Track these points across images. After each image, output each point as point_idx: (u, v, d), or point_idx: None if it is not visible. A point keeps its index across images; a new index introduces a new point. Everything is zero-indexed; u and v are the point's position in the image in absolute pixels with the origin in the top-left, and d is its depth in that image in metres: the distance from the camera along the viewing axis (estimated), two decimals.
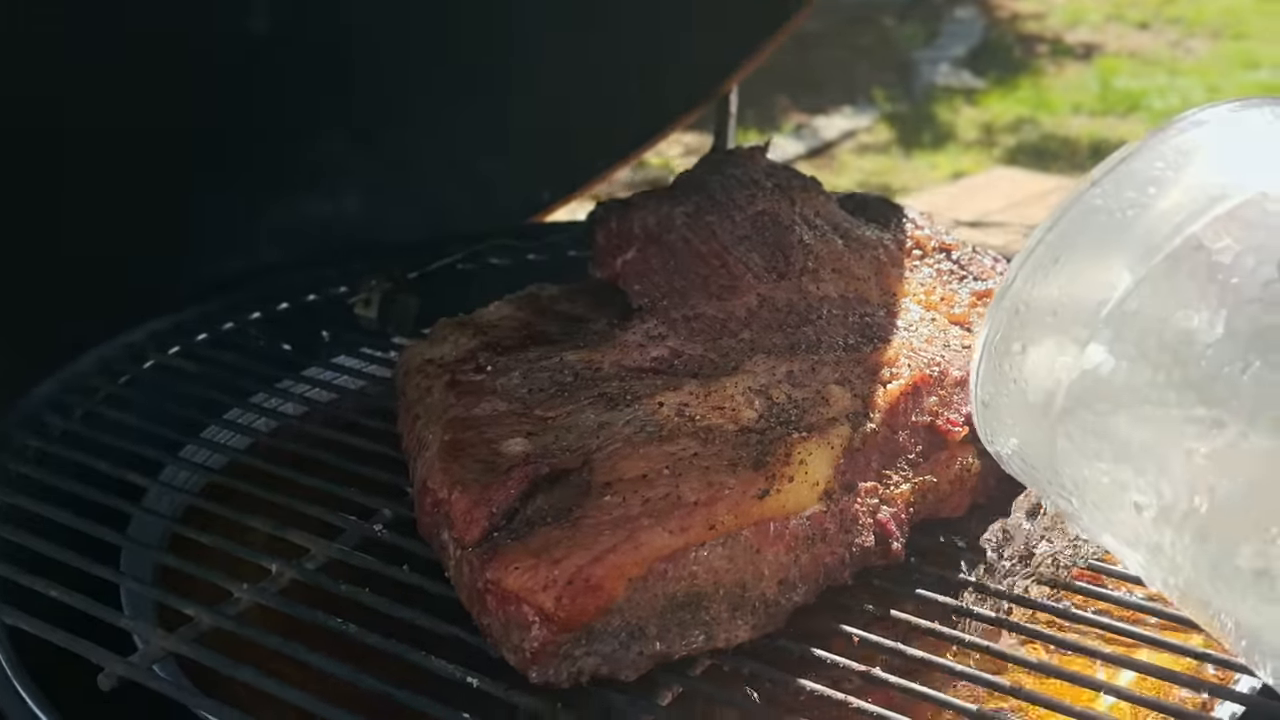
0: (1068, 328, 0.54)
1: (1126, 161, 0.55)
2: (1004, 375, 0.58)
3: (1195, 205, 0.51)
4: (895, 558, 0.71)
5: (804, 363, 0.76)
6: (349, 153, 1.32)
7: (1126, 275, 0.52)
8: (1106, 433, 0.53)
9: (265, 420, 0.95)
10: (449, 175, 1.43)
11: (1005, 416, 0.59)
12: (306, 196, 1.35)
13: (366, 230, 1.38)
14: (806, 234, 0.87)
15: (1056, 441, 0.56)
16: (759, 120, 4.86)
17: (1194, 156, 0.54)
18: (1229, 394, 0.48)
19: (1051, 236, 0.56)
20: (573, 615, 0.61)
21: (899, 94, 5.13)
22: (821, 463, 0.68)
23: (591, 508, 0.65)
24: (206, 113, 1.14)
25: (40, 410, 0.92)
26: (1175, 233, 0.51)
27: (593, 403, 0.75)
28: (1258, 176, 0.51)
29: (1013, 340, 0.58)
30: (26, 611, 0.69)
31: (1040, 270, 0.56)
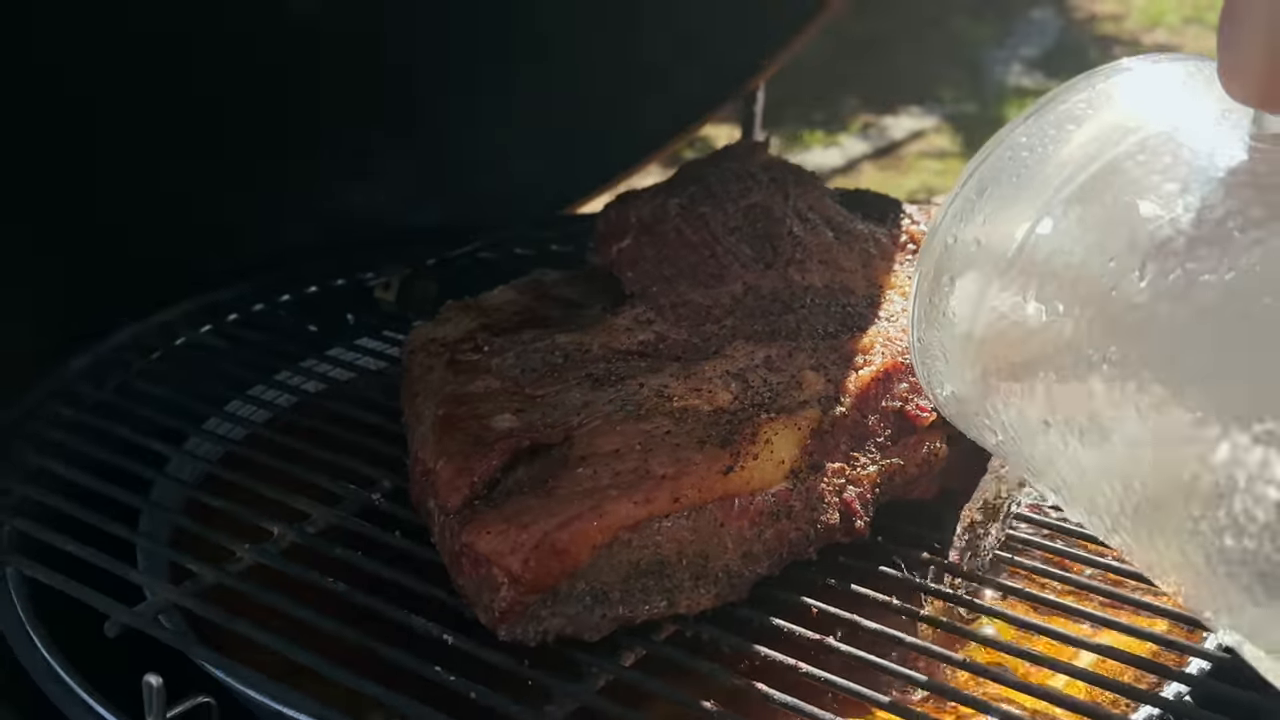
0: (986, 260, 0.57)
1: (1052, 102, 0.57)
2: (935, 310, 0.60)
3: (1108, 138, 0.54)
4: (859, 535, 0.74)
5: (782, 349, 0.80)
6: (386, 143, 1.36)
7: (1037, 206, 0.55)
8: (1022, 363, 0.55)
9: (286, 396, 1.00)
10: (483, 166, 1.47)
11: (937, 354, 0.62)
12: (344, 186, 1.40)
13: (402, 219, 1.44)
14: (797, 226, 0.90)
15: (982, 375, 0.58)
16: (826, 120, 4.87)
17: (1114, 97, 0.56)
18: (1128, 316, 0.50)
19: (979, 173, 0.58)
20: (538, 578, 0.65)
21: (968, 95, 5.11)
22: (788, 443, 0.72)
23: (565, 479, 0.70)
24: (249, 100, 1.19)
25: (75, 381, 0.98)
26: (1089, 161, 0.54)
27: (579, 383, 0.79)
28: (1170, 115, 0.54)
29: (942, 275, 0.60)
30: (47, 565, 0.74)
31: (967, 206, 0.58)
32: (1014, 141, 0.57)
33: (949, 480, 0.81)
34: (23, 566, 0.74)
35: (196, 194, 1.19)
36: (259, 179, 1.25)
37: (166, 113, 1.12)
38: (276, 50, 1.18)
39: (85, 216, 1.12)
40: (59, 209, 1.10)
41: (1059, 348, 0.54)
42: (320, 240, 1.33)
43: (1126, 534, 0.54)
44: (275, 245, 1.30)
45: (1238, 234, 0.48)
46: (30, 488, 0.83)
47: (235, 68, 1.14)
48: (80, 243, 1.11)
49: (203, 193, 1.20)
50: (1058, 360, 0.54)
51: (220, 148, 1.18)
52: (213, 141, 1.17)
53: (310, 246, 1.31)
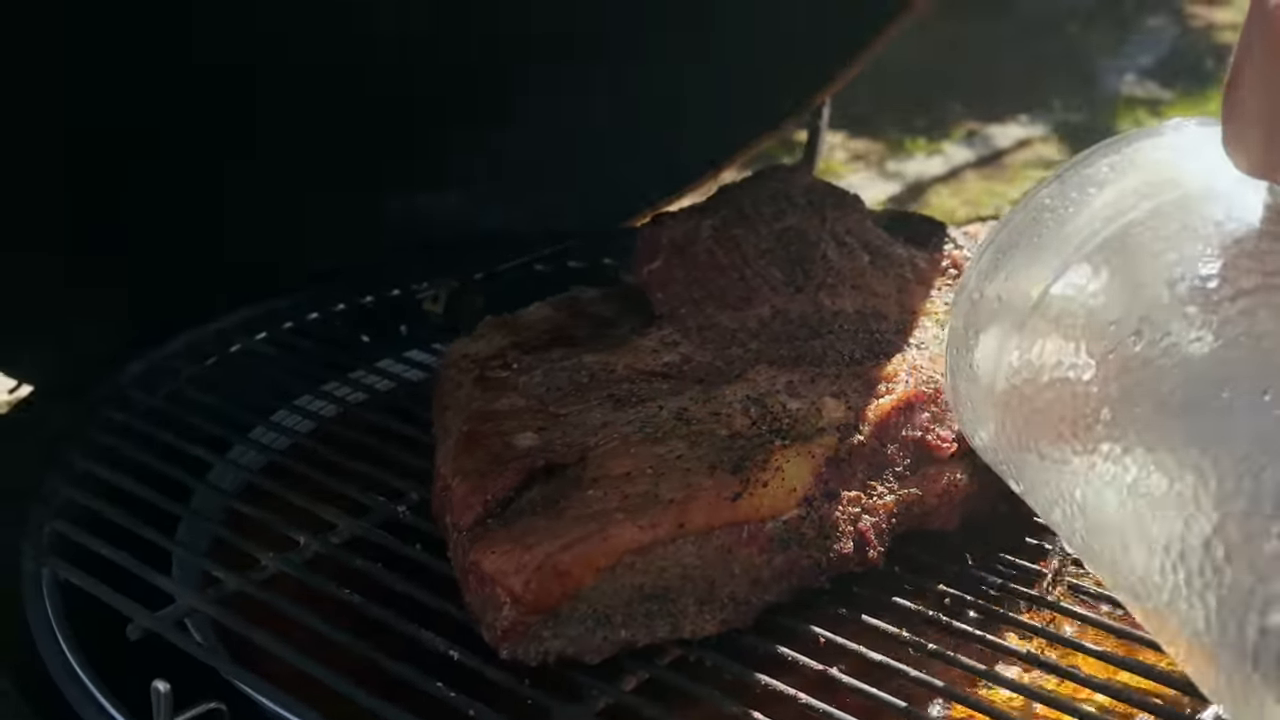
0: (1005, 316, 0.58)
1: (1079, 165, 0.58)
2: (962, 362, 0.62)
3: (1124, 203, 0.54)
4: (873, 565, 0.74)
5: (805, 374, 0.80)
6: (456, 151, 1.38)
7: (1053, 267, 0.55)
8: (1033, 420, 0.56)
9: (330, 406, 1.02)
10: (550, 177, 1.48)
11: (966, 403, 0.63)
12: (413, 193, 1.43)
13: (469, 228, 1.46)
14: (831, 250, 0.90)
15: (1002, 425, 0.59)
16: (929, 127, 4.82)
17: (1139, 162, 0.56)
18: (1121, 380, 0.50)
19: (1004, 232, 0.59)
20: (540, 598, 0.66)
21: (1079, 103, 5.02)
22: (801, 470, 0.72)
23: (575, 500, 0.70)
24: (324, 110, 1.22)
25: (128, 386, 1.01)
26: (1103, 225, 0.54)
27: (601, 403, 0.80)
28: (1189, 181, 0.54)
29: (969, 329, 0.61)
30: (85, 567, 0.77)
31: (992, 263, 0.60)
32: (1039, 203, 0.58)
33: (971, 512, 0.80)
34: (57, 568, 0.77)
35: (266, 200, 1.23)
36: (336, 188, 1.28)
37: (237, 122, 1.15)
38: (346, 58, 1.21)
39: (158, 224, 1.16)
40: (131, 218, 1.14)
41: (1063, 407, 0.54)
42: (394, 249, 1.36)
43: (1128, 599, 0.53)
44: (349, 254, 1.33)
45: (1227, 304, 0.47)
46: (74, 490, 0.85)
47: (304, 77, 1.17)
48: (154, 250, 1.15)
49: (272, 199, 1.23)
50: (1062, 420, 0.54)
51: (287, 155, 1.21)
52: (281, 149, 1.20)
53: (377, 256, 1.34)
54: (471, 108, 1.36)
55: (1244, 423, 0.45)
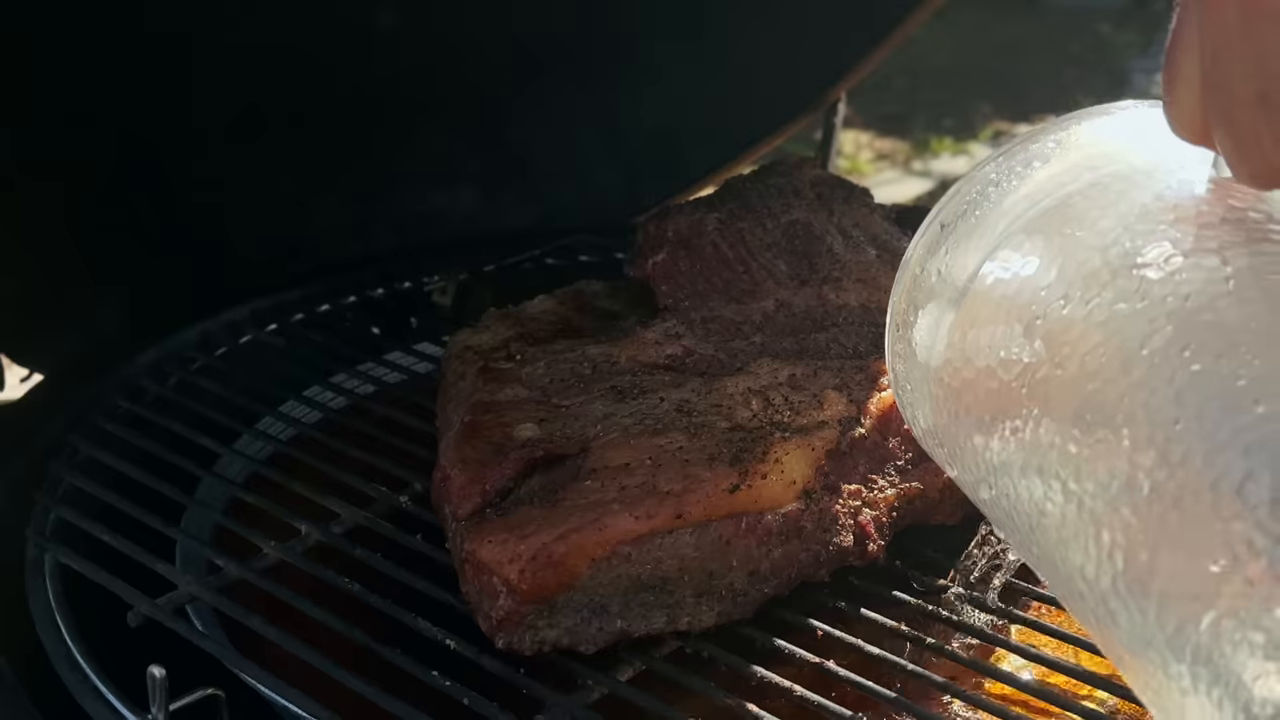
0: (944, 292, 0.56)
1: (1025, 141, 0.56)
2: (901, 340, 0.60)
3: (1066, 176, 0.53)
4: (873, 559, 0.73)
5: (808, 367, 0.79)
6: (466, 146, 1.39)
7: (990, 240, 0.54)
8: (969, 397, 0.54)
9: (338, 398, 1.03)
10: (562, 172, 1.49)
11: (909, 387, 0.61)
12: (423, 189, 1.43)
13: (480, 223, 1.46)
14: (838, 243, 0.90)
15: (940, 405, 0.58)
16: (956, 127, 4.80)
17: (1086, 139, 0.55)
18: (1065, 345, 0.49)
19: (948, 208, 0.58)
20: (535, 588, 0.65)
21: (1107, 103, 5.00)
22: (800, 463, 0.71)
23: (572, 491, 0.70)
24: (331, 102, 1.22)
25: (139, 376, 1.01)
26: (1042, 198, 0.53)
27: (603, 395, 0.79)
28: (1135, 156, 0.53)
29: (909, 305, 0.60)
30: (91, 554, 0.77)
31: (934, 239, 0.58)
32: (983, 177, 0.57)
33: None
34: (60, 554, 0.77)
35: (287, 197, 1.23)
36: (345, 181, 1.29)
37: (260, 121, 1.16)
38: (363, 53, 1.21)
39: (171, 217, 1.16)
40: (144, 210, 1.14)
41: (996, 383, 0.52)
42: (400, 244, 1.37)
43: (1064, 596, 0.52)
44: (358, 248, 1.34)
45: (1158, 267, 0.46)
46: (80, 478, 0.86)
47: (322, 76, 1.18)
48: (178, 244, 1.16)
49: (293, 196, 1.23)
50: (995, 396, 0.52)
51: (311, 153, 1.22)
52: (304, 147, 1.21)
53: (386, 250, 1.34)
54: (484, 104, 1.36)
55: (1162, 377, 0.44)
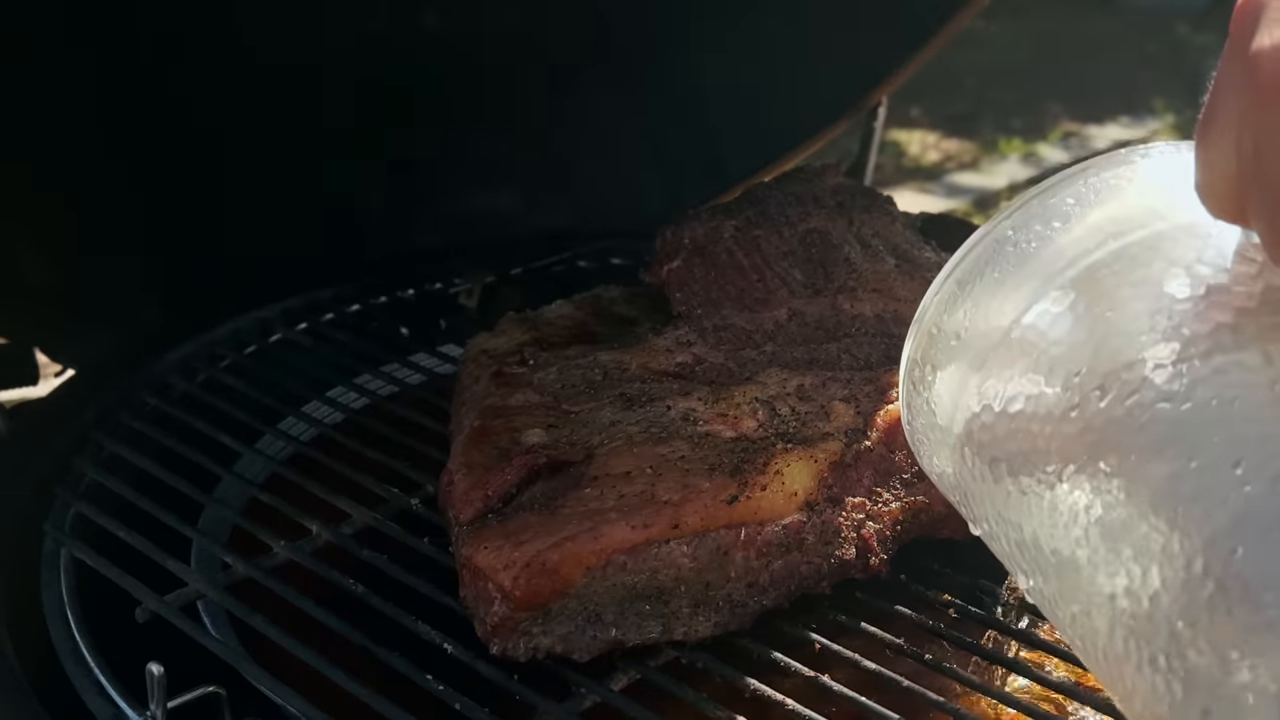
0: (964, 355, 0.55)
1: (1042, 194, 0.55)
2: (918, 397, 0.59)
3: (1090, 241, 0.52)
4: (876, 572, 0.73)
5: (817, 378, 0.79)
6: (506, 148, 1.39)
7: (1014, 308, 0.53)
8: (993, 463, 0.54)
9: (360, 399, 1.04)
10: (601, 174, 1.49)
11: (925, 440, 0.60)
12: (464, 190, 1.44)
13: (519, 225, 1.47)
14: (855, 252, 0.89)
15: (961, 466, 0.57)
16: (1025, 128, 4.75)
17: (1106, 194, 0.54)
18: (1085, 438, 0.48)
19: (964, 264, 0.57)
20: (528, 595, 0.66)
21: (1182, 105, 4.91)
22: (802, 474, 0.71)
23: (572, 498, 0.70)
24: (373, 105, 1.23)
25: (167, 372, 1.03)
26: (1068, 266, 0.52)
27: (612, 401, 0.80)
28: (1159, 217, 0.51)
29: (926, 364, 0.59)
30: (108, 550, 0.79)
31: (951, 297, 0.57)
32: (1000, 234, 0.55)
33: None
34: (75, 549, 0.79)
35: (329, 197, 1.24)
36: (386, 183, 1.30)
37: (300, 122, 1.17)
38: (405, 59, 1.22)
39: (223, 215, 1.18)
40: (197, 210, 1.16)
41: (1024, 456, 0.52)
42: (443, 244, 1.37)
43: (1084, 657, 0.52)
44: (402, 247, 1.35)
45: (1197, 362, 0.45)
46: (101, 473, 0.87)
47: (363, 75, 1.19)
48: (217, 240, 1.17)
49: (334, 196, 1.25)
50: (1023, 468, 0.52)
51: (353, 154, 1.23)
52: (346, 147, 1.22)
53: (424, 250, 1.35)
54: (525, 106, 1.36)
55: (1213, 497, 0.43)
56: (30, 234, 1.06)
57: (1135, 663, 0.44)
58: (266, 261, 1.20)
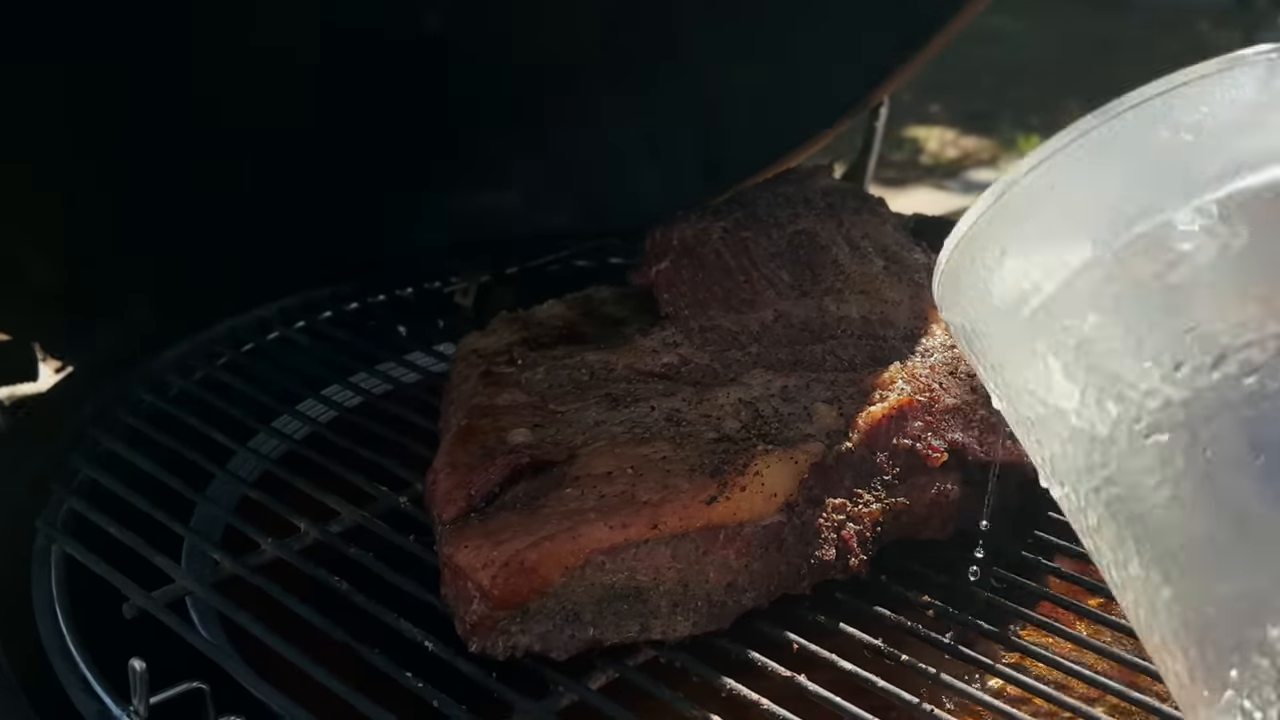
0: (1078, 234, 0.52)
1: (1204, 80, 0.53)
2: (979, 253, 0.56)
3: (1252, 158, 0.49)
4: (855, 573, 0.73)
5: (800, 379, 0.79)
6: (508, 147, 1.40)
7: (1164, 207, 0.50)
8: (1067, 352, 0.52)
9: (355, 397, 1.04)
10: (603, 173, 1.49)
11: (966, 295, 0.57)
12: (465, 188, 1.44)
13: (521, 222, 1.47)
14: (843, 254, 0.89)
15: (1018, 343, 0.54)
16: (1043, 126, 4.73)
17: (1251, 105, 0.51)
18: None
19: (1099, 132, 0.54)
20: (507, 594, 0.66)
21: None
22: (781, 475, 0.71)
23: (553, 498, 0.71)
24: (375, 106, 1.24)
25: (164, 370, 1.04)
26: (1215, 183, 0.49)
27: (598, 401, 0.80)
28: None
29: (1006, 224, 0.55)
30: (94, 547, 0.79)
31: (1069, 164, 0.53)
32: (1148, 114, 0.53)
33: (967, 522, 0.79)
34: (66, 545, 0.80)
35: (331, 196, 1.25)
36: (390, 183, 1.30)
37: (301, 122, 1.18)
38: (410, 58, 1.23)
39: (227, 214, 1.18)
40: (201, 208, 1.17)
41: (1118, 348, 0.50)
42: (445, 242, 1.38)
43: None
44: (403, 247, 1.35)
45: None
46: (98, 471, 0.88)
47: (364, 75, 1.19)
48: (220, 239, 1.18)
49: (336, 194, 1.25)
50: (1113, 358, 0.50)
51: (355, 152, 1.23)
52: (348, 147, 1.23)
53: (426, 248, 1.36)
54: (527, 105, 1.37)
55: None
56: (31, 233, 1.07)
57: None
58: (268, 259, 1.21)
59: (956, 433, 0.77)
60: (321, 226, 1.27)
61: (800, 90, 1.48)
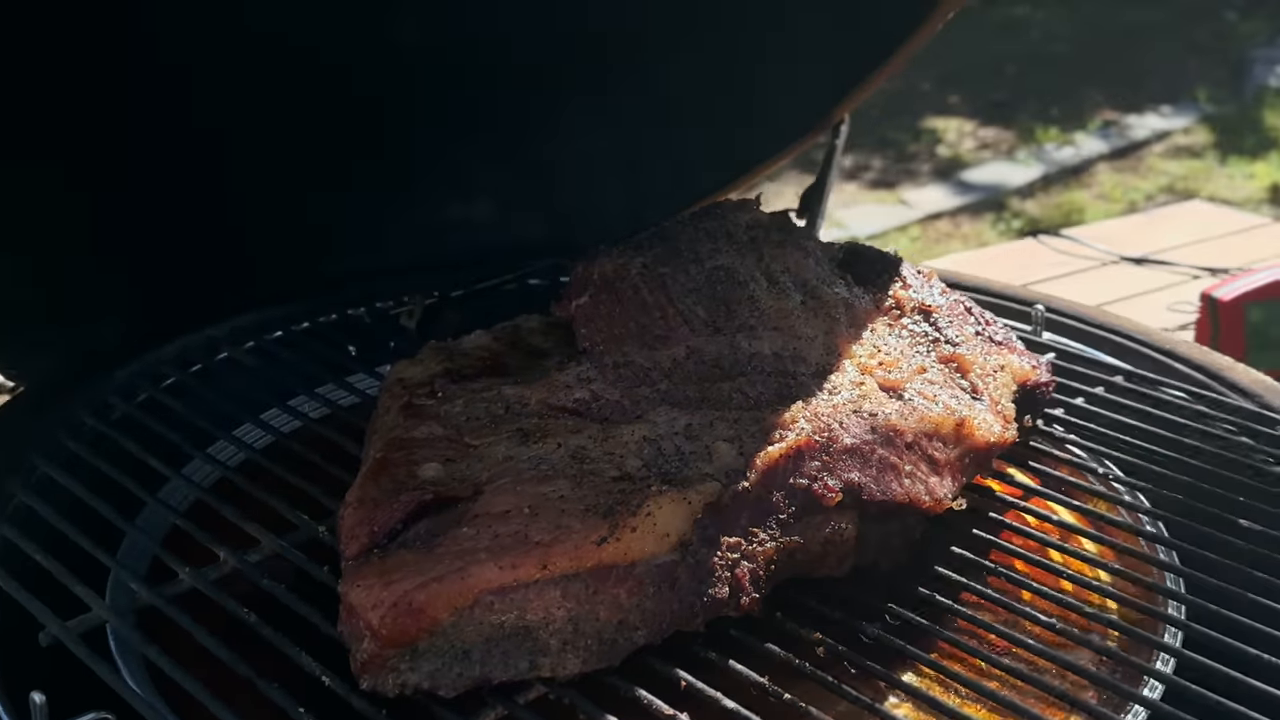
0: None
1: None
2: None
3: None
4: (747, 610, 0.75)
5: (705, 417, 0.81)
6: (476, 160, 1.41)
7: None
8: None
9: (293, 421, 1.06)
10: (570, 187, 1.50)
11: None
12: (433, 201, 1.46)
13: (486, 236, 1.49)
14: (760, 289, 0.91)
15: None
16: (1064, 116, 4.72)
17: None
18: None
19: None
20: (395, 634, 0.68)
21: (1226, 95, 4.86)
22: (674, 516, 0.73)
23: (449, 537, 0.73)
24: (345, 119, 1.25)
25: (108, 392, 1.06)
26: None
27: (510, 436, 0.82)
28: None
29: None
30: (18, 575, 0.81)
31: None
32: None
33: (866, 559, 0.80)
34: None
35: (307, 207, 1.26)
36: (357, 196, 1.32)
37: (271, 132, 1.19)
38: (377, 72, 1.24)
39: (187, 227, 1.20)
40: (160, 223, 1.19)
41: None
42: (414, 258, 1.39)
43: None
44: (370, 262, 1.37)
45: None
46: (32, 497, 0.90)
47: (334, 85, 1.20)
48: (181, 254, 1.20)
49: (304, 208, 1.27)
50: None
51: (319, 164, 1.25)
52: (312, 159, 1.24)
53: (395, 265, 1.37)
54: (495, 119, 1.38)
55: None
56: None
57: None
58: (234, 273, 1.23)
59: (854, 472, 0.78)
60: (283, 241, 1.29)
61: (765, 107, 1.49)
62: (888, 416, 0.82)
